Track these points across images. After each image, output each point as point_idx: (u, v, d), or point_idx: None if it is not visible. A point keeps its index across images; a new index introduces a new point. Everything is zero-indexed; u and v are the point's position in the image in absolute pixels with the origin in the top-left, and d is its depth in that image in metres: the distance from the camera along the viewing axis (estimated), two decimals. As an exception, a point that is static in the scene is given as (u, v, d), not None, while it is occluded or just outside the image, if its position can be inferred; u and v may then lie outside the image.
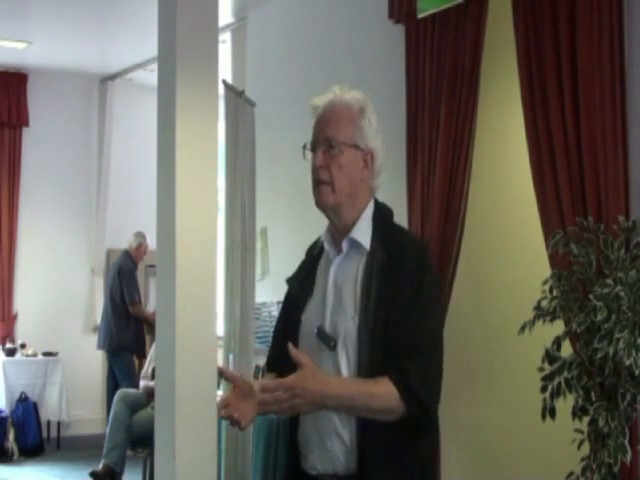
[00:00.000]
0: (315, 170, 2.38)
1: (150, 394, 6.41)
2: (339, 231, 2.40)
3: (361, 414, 2.21)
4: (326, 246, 2.44)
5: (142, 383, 6.91)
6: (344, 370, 2.26)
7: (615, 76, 4.11)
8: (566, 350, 3.98)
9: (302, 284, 2.47)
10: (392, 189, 5.69)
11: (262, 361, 6.24)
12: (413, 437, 2.24)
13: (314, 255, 2.51)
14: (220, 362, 5.21)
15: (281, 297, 2.64)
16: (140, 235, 8.80)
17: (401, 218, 2.54)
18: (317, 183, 2.38)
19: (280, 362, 2.37)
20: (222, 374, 2.34)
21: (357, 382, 2.20)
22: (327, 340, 2.28)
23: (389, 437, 2.22)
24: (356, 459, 2.24)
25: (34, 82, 9.81)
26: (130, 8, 7.51)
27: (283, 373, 2.25)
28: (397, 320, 2.22)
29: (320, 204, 2.39)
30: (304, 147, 2.45)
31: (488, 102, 5.14)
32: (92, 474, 6.77)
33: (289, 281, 2.56)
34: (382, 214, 2.41)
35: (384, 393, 2.17)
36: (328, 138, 2.37)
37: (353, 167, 2.36)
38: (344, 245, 2.38)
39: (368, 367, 2.22)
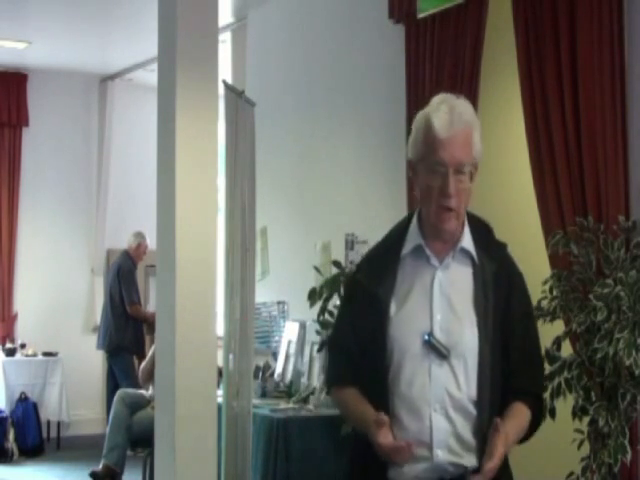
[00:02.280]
0: (446, 197, 2.28)
1: (150, 374, 6.28)
2: (444, 241, 2.34)
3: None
4: (428, 252, 2.34)
5: (140, 375, 6.83)
6: (462, 381, 2.25)
7: (615, 75, 4.11)
8: (566, 350, 3.98)
9: (382, 282, 2.33)
10: (392, 190, 5.70)
11: (262, 361, 6.25)
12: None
13: (394, 253, 2.36)
14: (220, 362, 5.21)
15: (281, 297, 2.64)
16: (139, 235, 8.79)
17: (401, 218, 2.57)
18: (444, 209, 2.29)
19: (362, 370, 2.33)
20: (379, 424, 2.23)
21: (516, 423, 2.29)
22: (439, 349, 2.24)
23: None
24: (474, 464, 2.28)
25: (34, 82, 9.81)
26: (130, 8, 7.51)
27: (370, 387, 2.30)
28: (520, 338, 2.29)
29: (444, 230, 2.31)
30: (445, 172, 2.28)
31: (488, 102, 5.14)
32: (92, 474, 6.76)
33: (358, 276, 2.42)
34: (477, 223, 2.41)
35: (527, 421, 2.32)
36: (459, 163, 2.27)
37: (471, 187, 2.34)
38: (453, 254, 2.33)
39: (489, 382, 2.25)
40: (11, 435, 8.47)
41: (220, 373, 5.36)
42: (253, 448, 5.22)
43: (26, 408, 8.75)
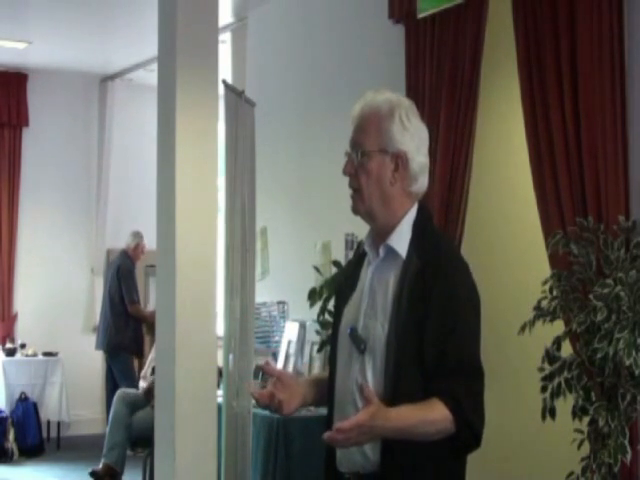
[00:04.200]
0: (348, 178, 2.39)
1: (148, 394, 6.42)
2: (378, 235, 2.38)
3: (417, 439, 2.20)
4: (366, 248, 2.41)
5: (141, 384, 6.91)
6: (369, 376, 2.26)
7: (615, 76, 4.11)
8: (566, 350, 3.98)
9: (348, 279, 2.47)
10: (392, 189, 5.70)
11: (262, 361, 6.25)
12: (457, 454, 2.27)
13: (360, 253, 2.48)
14: (220, 362, 5.21)
15: (281, 297, 2.67)
16: (138, 235, 8.78)
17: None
18: (351, 190, 2.38)
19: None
20: (264, 371, 2.40)
21: (415, 410, 2.18)
22: (358, 343, 2.28)
23: (409, 443, 2.21)
24: (377, 460, 2.25)
25: (34, 82, 9.81)
26: (130, 8, 7.51)
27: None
28: (434, 340, 2.19)
29: (353, 211, 2.39)
30: (345, 154, 2.41)
31: (488, 102, 5.14)
32: (92, 474, 6.77)
33: (338, 275, 2.63)
34: (423, 220, 2.37)
35: (440, 418, 2.18)
36: (356, 145, 2.36)
37: (382, 172, 2.33)
38: (381, 251, 2.35)
39: (394, 378, 2.21)
40: (11, 435, 8.47)
41: (220, 373, 5.36)
42: (253, 448, 5.22)
43: (26, 408, 8.76)
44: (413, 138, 2.35)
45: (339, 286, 2.58)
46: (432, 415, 2.18)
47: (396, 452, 2.22)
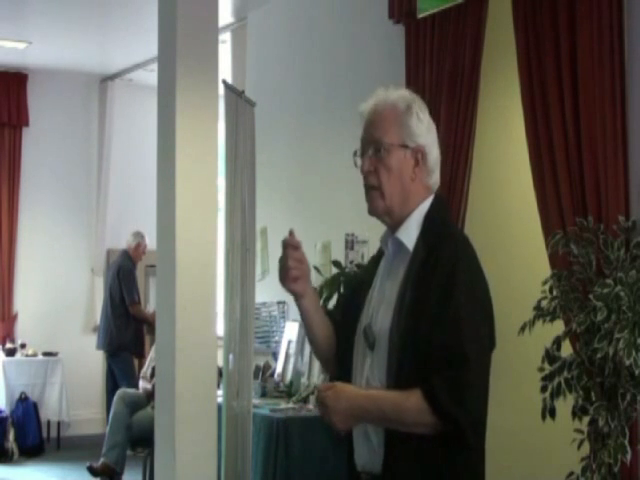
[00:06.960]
0: (365, 176, 2.32)
1: (150, 396, 6.42)
2: (392, 230, 2.35)
3: (397, 427, 2.17)
4: (381, 244, 2.40)
5: (141, 384, 6.91)
6: (376, 372, 2.24)
7: (615, 75, 4.12)
8: (566, 350, 3.99)
9: (369, 273, 2.43)
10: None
11: (262, 361, 6.25)
12: (454, 450, 2.17)
13: (380, 249, 2.45)
14: (220, 362, 5.21)
15: (281, 297, 2.67)
16: (138, 235, 8.77)
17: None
18: (367, 189, 2.32)
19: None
20: (287, 242, 2.42)
21: (387, 396, 2.18)
22: (368, 339, 2.26)
23: (415, 443, 2.17)
24: (380, 460, 2.22)
25: (34, 82, 9.81)
26: (130, 8, 7.51)
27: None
28: (428, 329, 2.15)
29: (371, 211, 2.34)
30: (355, 154, 2.36)
31: (488, 102, 5.15)
32: (90, 468, 6.75)
33: (359, 271, 2.61)
34: (434, 212, 2.33)
35: (415, 407, 2.13)
36: (374, 141, 2.30)
37: (403, 168, 2.30)
38: (389, 245, 2.33)
39: (397, 372, 2.18)
40: (11, 435, 8.48)
41: (220, 373, 5.36)
42: (253, 448, 5.22)
43: (26, 408, 8.76)
44: (429, 132, 2.35)
45: (357, 283, 2.53)
46: (406, 403, 2.14)
47: (399, 450, 2.19)
